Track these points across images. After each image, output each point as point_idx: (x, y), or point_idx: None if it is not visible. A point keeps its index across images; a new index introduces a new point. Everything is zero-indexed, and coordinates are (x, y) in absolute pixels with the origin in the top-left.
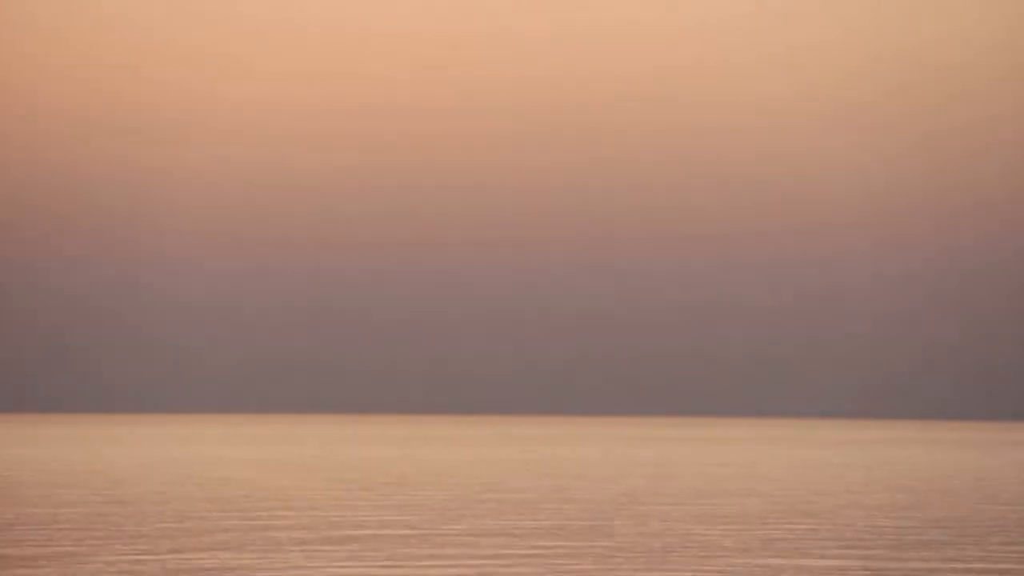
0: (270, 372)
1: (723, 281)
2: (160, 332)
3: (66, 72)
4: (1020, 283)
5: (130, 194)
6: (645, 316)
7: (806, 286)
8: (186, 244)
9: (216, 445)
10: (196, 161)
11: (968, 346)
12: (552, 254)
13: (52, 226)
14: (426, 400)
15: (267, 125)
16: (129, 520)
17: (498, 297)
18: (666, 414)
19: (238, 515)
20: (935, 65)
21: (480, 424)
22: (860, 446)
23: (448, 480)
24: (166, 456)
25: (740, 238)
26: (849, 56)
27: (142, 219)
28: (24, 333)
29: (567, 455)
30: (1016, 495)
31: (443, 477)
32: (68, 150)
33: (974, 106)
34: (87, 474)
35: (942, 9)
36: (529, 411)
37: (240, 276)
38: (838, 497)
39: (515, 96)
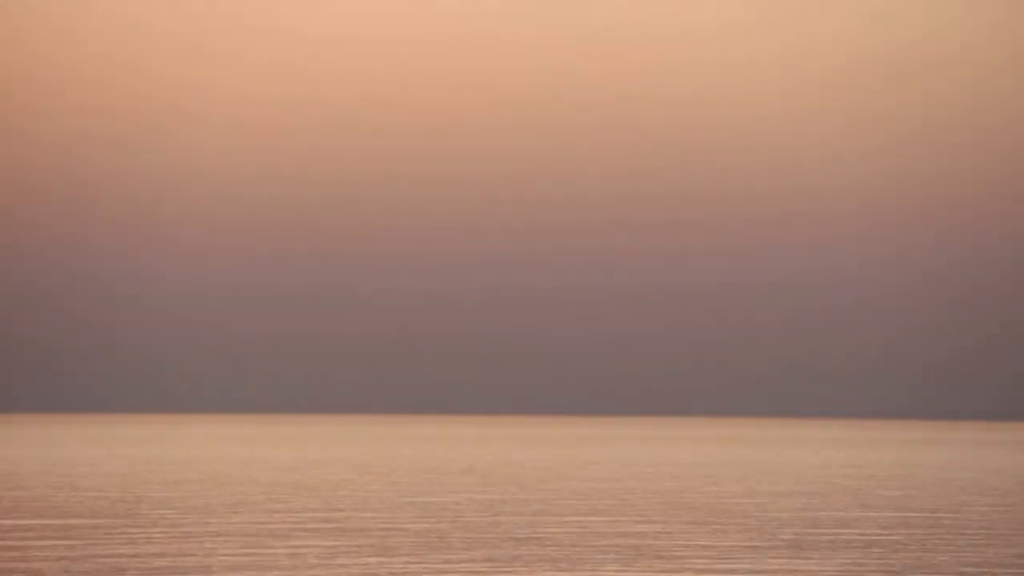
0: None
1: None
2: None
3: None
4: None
5: (134, 192)
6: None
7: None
8: (182, 241)
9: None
10: (198, 158)
11: (971, 347)
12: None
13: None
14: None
15: (252, 123)
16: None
17: (502, 298)
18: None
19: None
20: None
21: (509, 425)
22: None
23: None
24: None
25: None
26: (861, 64)
27: (144, 217)
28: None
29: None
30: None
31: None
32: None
33: (988, 111)
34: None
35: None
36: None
37: (239, 276)
38: None
39: (516, 103)
